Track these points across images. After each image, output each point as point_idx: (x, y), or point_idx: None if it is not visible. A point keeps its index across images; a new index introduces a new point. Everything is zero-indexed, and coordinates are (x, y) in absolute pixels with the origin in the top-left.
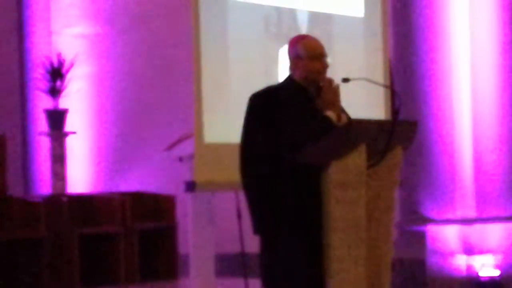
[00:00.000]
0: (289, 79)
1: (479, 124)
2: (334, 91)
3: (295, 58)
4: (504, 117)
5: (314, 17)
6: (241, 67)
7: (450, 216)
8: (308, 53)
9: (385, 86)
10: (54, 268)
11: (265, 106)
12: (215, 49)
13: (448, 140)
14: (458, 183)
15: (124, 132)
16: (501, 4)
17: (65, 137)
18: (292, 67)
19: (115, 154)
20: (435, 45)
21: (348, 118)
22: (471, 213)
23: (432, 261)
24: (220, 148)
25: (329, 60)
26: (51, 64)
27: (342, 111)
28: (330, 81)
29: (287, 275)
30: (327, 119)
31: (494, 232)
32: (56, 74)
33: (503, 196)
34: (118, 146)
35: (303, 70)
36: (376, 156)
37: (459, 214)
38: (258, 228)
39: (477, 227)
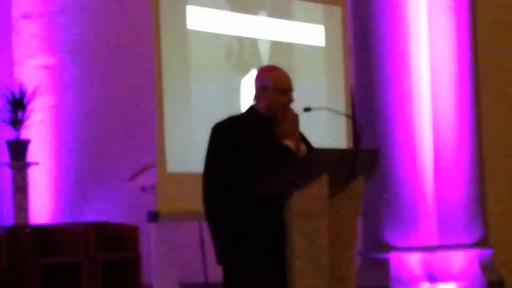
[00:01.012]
0: (252, 109)
1: (440, 152)
2: (293, 120)
3: (261, 88)
4: (465, 146)
5: (276, 46)
6: (203, 97)
7: (413, 243)
8: (275, 86)
9: (346, 115)
10: None
11: (227, 136)
12: (177, 79)
13: (410, 167)
14: (420, 210)
15: (86, 162)
16: (460, 33)
17: (27, 168)
18: (257, 97)
19: (77, 184)
20: (396, 74)
21: (310, 147)
22: (434, 241)
23: None
24: (183, 178)
25: (295, 94)
26: (13, 94)
27: (303, 140)
28: (289, 111)
29: None
30: (286, 148)
31: (456, 259)
32: (18, 104)
33: (465, 224)
34: (81, 176)
35: (267, 102)
36: (338, 185)
37: (421, 241)
38: (221, 257)
39: (440, 254)
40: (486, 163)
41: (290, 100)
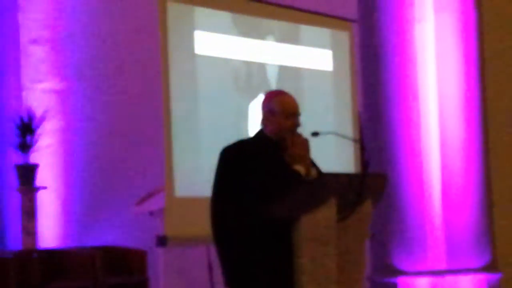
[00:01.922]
0: (260, 133)
1: (448, 176)
2: (303, 145)
3: (268, 113)
4: (473, 170)
5: (284, 71)
6: (211, 121)
7: (421, 267)
8: (282, 110)
9: (354, 140)
10: None
11: (236, 160)
12: (185, 103)
13: (418, 192)
14: (428, 235)
15: (94, 187)
16: (468, 57)
17: (36, 192)
18: (264, 121)
19: (85, 208)
20: (404, 98)
21: (319, 171)
22: (442, 265)
23: None
24: (191, 202)
25: (301, 118)
26: (21, 119)
27: (312, 164)
28: (298, 136)
29: None
30: (296, 173)
31: (465, 284)
32: (26, 129)
33: (473, 248)
34: (89, 200)
35: (275, 126)
36: (346, 210)
37: (430, 265)
38: (229, 281)
39: (448, 278)
40: (494, 187)
41: (297, 124)
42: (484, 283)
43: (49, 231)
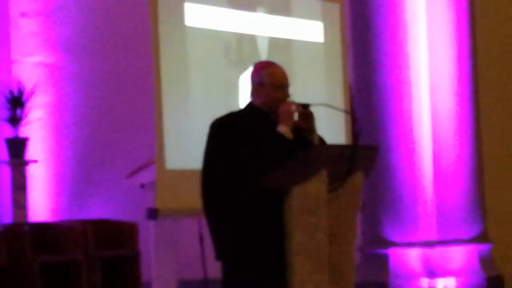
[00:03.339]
0: (250, 105)
1: (439, 148)
2: (287, 104)
3: (257, 84)
4: (464, 141)
5: (274, 43)
6: (201, 94)
7: (412, 239)
8: (271, 82)
9: (345, 111)
10: None
11: (226, 132)
12: (175, 76)
13: (409, 163)
14: (419, 206)
15: (85, 160)
16: (459, 27)
17: (26, 166)
18: (254, 93)
19: (76, 182)
20: (395, 70)
21: (321, 139)
22: (433, 236)
23: (395, 284)
24: (182, 174)
25: (290, 89)
26: (11, 92)
27: (315, 132)
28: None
29: None
30: (280, 135)
31: (456, 255)
32: (16, 102)
33: (464, 219)
34: (80, 174)
35: (264, 98)
36: (337, 181)
37: (421, 237)
38: (220, 253)
39: (439, 249)
40: (485, 158)
41: (286, 95)
42: (475, 253)
43: (40, 205)
